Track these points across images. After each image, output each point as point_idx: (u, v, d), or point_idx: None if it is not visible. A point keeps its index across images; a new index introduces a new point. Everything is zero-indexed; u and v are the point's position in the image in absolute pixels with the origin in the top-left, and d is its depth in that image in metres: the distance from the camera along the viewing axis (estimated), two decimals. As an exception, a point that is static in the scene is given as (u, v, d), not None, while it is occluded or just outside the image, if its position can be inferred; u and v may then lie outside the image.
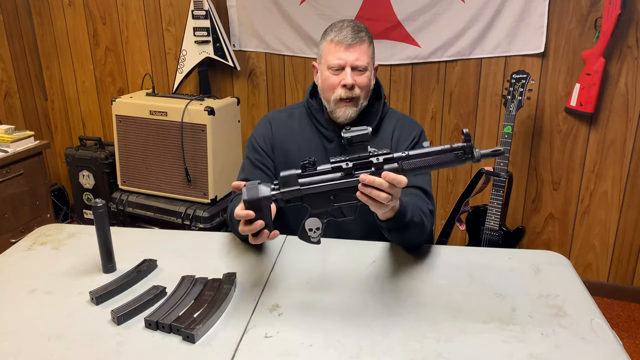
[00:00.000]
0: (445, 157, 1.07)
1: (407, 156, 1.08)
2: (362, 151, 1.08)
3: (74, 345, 1.04)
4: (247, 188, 1.08)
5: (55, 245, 1.44)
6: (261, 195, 1.07)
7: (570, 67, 2.44)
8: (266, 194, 1.08)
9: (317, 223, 1.13)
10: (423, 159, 1.08)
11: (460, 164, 1.08)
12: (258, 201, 1.07)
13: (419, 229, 1.32)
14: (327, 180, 1.09)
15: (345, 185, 1.09)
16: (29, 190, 2.63)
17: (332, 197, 1.11)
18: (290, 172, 1.10)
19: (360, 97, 1.44)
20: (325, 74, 1.46)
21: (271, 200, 1.09)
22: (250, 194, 1.07)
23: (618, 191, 2.52)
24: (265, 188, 1.09)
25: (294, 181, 1.09)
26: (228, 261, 1.36)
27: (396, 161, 1.08)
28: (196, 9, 2.72)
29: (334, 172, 1.10)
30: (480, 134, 2.67)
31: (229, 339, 1.06)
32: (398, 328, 1.09)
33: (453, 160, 1.07)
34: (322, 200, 1.11)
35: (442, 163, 1.08)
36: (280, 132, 1.55)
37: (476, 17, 2.49)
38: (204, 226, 2.60)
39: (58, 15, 3.19)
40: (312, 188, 1.09)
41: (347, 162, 1.09)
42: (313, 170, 1.10)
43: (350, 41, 1.41)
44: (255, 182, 1.09)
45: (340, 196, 1.11)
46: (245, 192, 1.07)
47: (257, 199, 1.07)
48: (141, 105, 2.66)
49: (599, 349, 1.03)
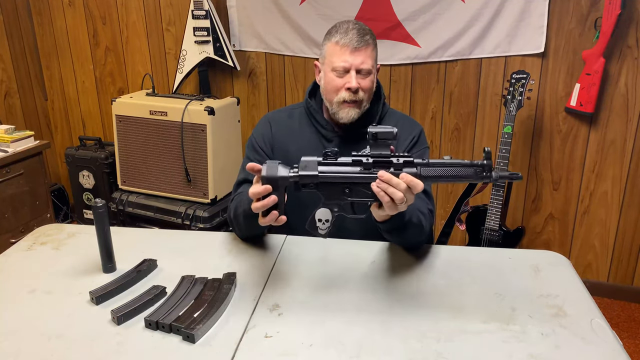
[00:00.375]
0: (463, 171, 1.07)
1: (427, 163, 1.08)
2: (384, 150, 1.09)
3: (74, 345, 1.04)
4: (268, 166, 1.10)
5: (55, 245, 1.44)
6: (279, 175, 1.09)
7: (570, 67, 2.44)
8: (284, 174, 1.10)
9: (327, 214, 1.14)
10: (442, 169, 1.08)
11: (477, 181, 1.08)
12: (276, 180, 1.09)
13: (418, 229, 1.32)
14: (346, 172, 1.10)
15: (362, 180, 1.10)
16: (29, 190, 2.63)
17: (347, 189, 1.11)
18: (311, 158, 1.11)
19: (364, 100, 1.44)
20: (329, 76, 1.45)
21: (288, 181, 1.10)
22: (270, 172, 1.09)
23: (618, 191, 2.52)
24: (284, 169, 1.10)
25: (314, 166, 1.11)
26: (228, 261, 1.36)
27: (416, 166, 1.08)
28: (196, 9, 2.72)
29: (353, 165, 1.11)
30: (480, 134, 2.68)
31: (229, 339, 1.06)
32: (398, 328, 1.09)
33: (470, 176, 1.07)
34: (336, 191, 1.12)
35: (460, 176, 1.08)
36: (280, 133, 1.55)
37: (476, 17, 2.49)
38: (204, 226, 2.60)
39: (58, 15, 3.19)
40: (330, 177, 1.10)
41: (368, 158, 1.10)
42: (334, 160, 1.11)
43: (356, 44, 1.41)
44: (276, 162, 1.11)
45: (355, 190, 1.11)
46: (265, 169, 1.09)
47: (276, 177, 1.09)
48: (141, 105, 2.66)
49: (599, 349, 1.03)
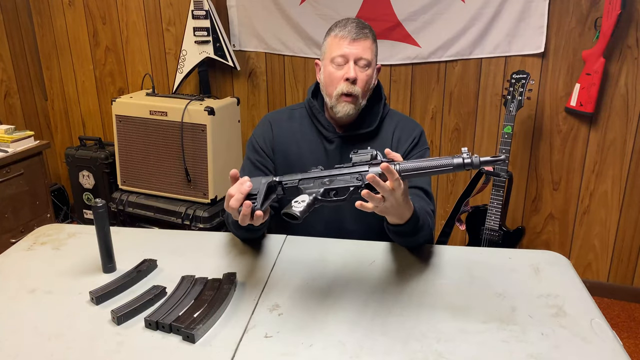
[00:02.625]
0: (443, 161, 1.05)
1: (404, 160, 1.10)
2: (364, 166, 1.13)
3: (74, 345, 1.04)
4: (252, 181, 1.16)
5: (55, 245, 1.44)
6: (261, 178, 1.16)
7: (570, 67, 2.44)
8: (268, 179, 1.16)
9: (304, 197, 1.12)
10: (421, 162, 1.08)
11: (458, 170, 1.06)
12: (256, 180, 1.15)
13: (426, 231, 1.34)
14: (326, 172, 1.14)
15: (342, 172, 1.12)
16: (29, 190, 2.63)
17: (327, 180, 1.13)
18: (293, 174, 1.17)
19: (359, 95, 1.44)
20: (328, 69, 1.46)
21: (271, 178, 1.15)
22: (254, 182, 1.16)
23: (618, 191, 2.52)
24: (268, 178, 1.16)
25: (294, 174, 1.16)
26: (228, 261, 1.36)
27: (394, 164, 1.09)
28: (196, 9, 2.72)
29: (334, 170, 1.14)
30: (480, 134, 2.68)
31: (229, 339, 1.06)
32: (398, 328, 1.09)
33: (450, 165, 1.05)
34: (317, 183, 1.14)
35: (440, 167, 1.06)
36: (281, 133, 1.55)
37: (476, 17, 2.49)
38: (204, 226, 2.60)
39: (58, 15, 3.19)
40: (310, 176, 1.14)
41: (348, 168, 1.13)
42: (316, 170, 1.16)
43: (355, 36, 1.42)
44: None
45: (335, 180, 1.13)
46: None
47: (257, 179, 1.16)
48: (141, 105, 2.66)
49: (598, 348, 1.03)
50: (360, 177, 1.10)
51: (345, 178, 1.12)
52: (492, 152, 2.66)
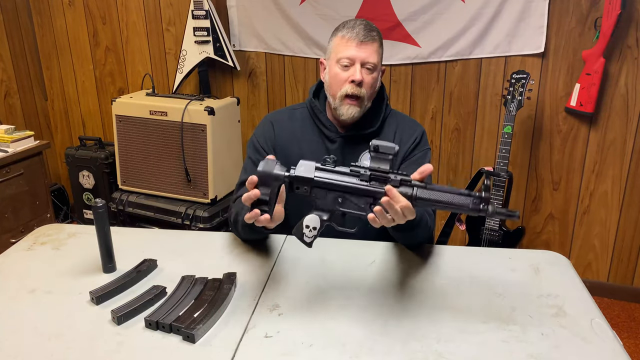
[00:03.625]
0: (459, 199, 1.03)
1: (425, 186, 1.06)
2: (384, 164, 1.07)
3: (74, 345, 1.04)
4: (265, 162, 1.10)
5: (55, 245, 1.44)
6: (274, 172, 1.09)
7: (570, 67, 2.44)
8: (279, 173, 1.09)
9: (316, 222, 1.12)
10: (439, 194, 1.05)
11: (471, 214, 1.04)
12: (269, 176, 1.09)
13: (424, 229, 1.33)
14: (341, 180, 1.09)
15: (357, 191, 1.09)
16: (29, 190, 2.63)
17: (340, 199, 1.10)
18: (309, 162, 1.10)
19: (365, 98, 1.44)
20: (334, 70, 1.45)
21: (281, 181, 1.09)
22: (265, 167, 1.09)
23: (618, 191, 2.52)
24: (281, 168, 1.10)
25: (310, 170, 1.10)
26: (228, 261, 1.36)
27: (412, 187, 1.06)
28: (196, 9, 2.72)
29: (350, 175, 1.09)
30: (480, 134, 2.68)
31: (229, 339, 1.06)
32: (398, 328, 1.09)
33: (465, 206, 1.03)
34: (329, 199, 1.11)
35: (454, 205, 1.04)
36: (282, 134, 1.55)
37: (476, 17, 2.49)
38: (204, 226, 2.60)
39: (58, 15, 3.19)
40: (325, 182, 1.10)
41: (366, 170, 1.08)
42: (332, 167, 1.10)
43: (362, 38, 1.42)
44: (274, 160, 1.11)
45: (348, 201, 1.10)
46: (262, 164, 1.09)
47: (269, 174, 1.09)
48: (141, 105, 2.66)
49: (599, 348, 1.03)
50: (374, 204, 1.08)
51: (359, 198, 1.09)
52: (492, 152, 2.66)
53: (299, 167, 1.10)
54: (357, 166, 1.09)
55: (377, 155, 1.07)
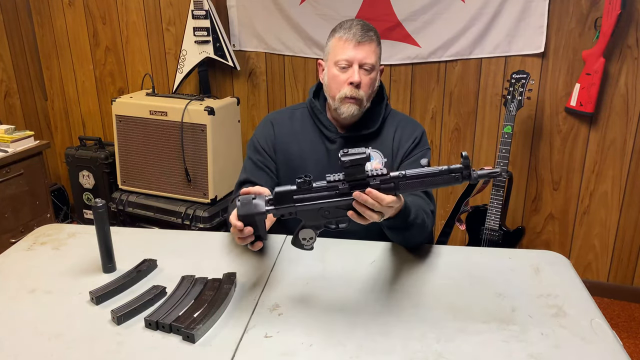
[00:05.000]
0: (441, 179, 1.08)
1: (404, 176, 1.08)
2: (359, 172, 1.07)
3: (74, 345, 1.04)
4: (242, 204, 1.09)
5: (55, 245, 1.44)
6: (255, 212, 1.08)
7: (570, 67, 2.44)
8: (260, 210, 1.09)
9: (310, 233, 1.14)
10: (420, 180, 1.08)
11: (456, 184, 1.09)
12: (252, 216, 1.08)
13: (421, 229, 1.32)
14: (322, 197, 1.09)
15: (339, 205, 1.10)
16: (29, 190, 2.63)
17: (326, 212, 1.11)
18: (285, 189, 1.10)
19: (364, 98, 1.44)
20: (332, 71, 1.45)
21: (265, 215, 1.09)
22: (245, 210, 1.08)
23: (618, 191, 2.52)
24: (260, 203, 1.09)
25: (289, 198, 1.09)
26: (228, 261, 1.36)
27: (392, 181, 1.08)
28: (196, 9, 2.72)
29: (329, 190, 1.09)
30: (480, 134, 2.68)
31: (229, 339, 1.06)
32: (398, 328, 1.09)
33: (450, 181, 1.08)
34: (315, 215, 1.11)
35: (439, 184, 1.08)
36: (282, 134, 1.55)
37: (476, 17, 2.49)
38: (204, 226, 2.60)
39: (58, 15, 3.19)
40: (306, 206, 1.10)
41: (344, 182, 1.08)
42: (308, 188, 1.09)
43: (360, 39, 1.41)
44: (250, 197, 1.10)
45: (333, 212, 1.11)
46: (240, 208, 1.08)
47: (251, 214, 1.08)
48: (141, 105, 2.66)
49: (598, 349, 1.03)
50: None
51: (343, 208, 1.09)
52: (492, 152, 2.66)
53: (277, 197, 1.09)
54: (334, 181, 1.08)
55: (349, 169, 1.07)
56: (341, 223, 1.15)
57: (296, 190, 1.09)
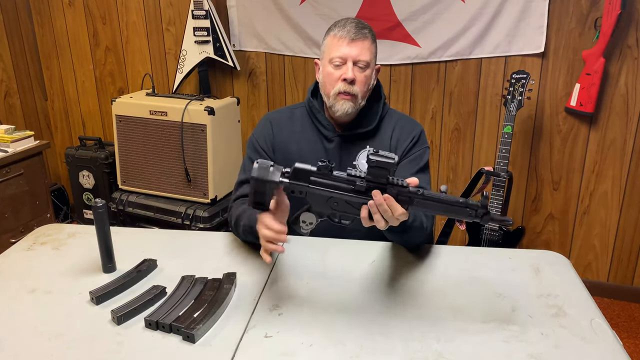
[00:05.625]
0: (455, 209, 1.06)
1: (422, 195, 1.06)
2: (382, 177, 1.06)
3: (74, 345, 1.04)
4: (260, 166, 1.08)
5: (55, 245, 1.44)
6: (269, 179, 1.08)
7: (570, 67, 2.44)
8: (274, 179, 1.08)
9: (312, 218, 1.14)
10: (436, 204, 1.06)
11: (468, 220, 1.07)
12: (264, 183, 1.08)
13: (419, 231, 1.33)
14: (337, 188, 1.09)
15: (351, 200, 1.09)
16: (29, 190, 2.63)
17: (335, 203, 1.11)
18: (305, 166, 1.09)
19: (358, 95, 1.44)
20: (326, 69, 1.46)
21: (277, 185, 1.09)
22: (260, 173, 1.08)
23: (618, 191, 2.52)
24: (277, 172, 1.09)
25: (306, 177, 1.09)
26: (228, 261, 1.36)
27: (409, 195, 1.06)
28: (196, 9, 2.72)
29: (346, 183, 1.09)
30: (480, 134, 2.67)
31: (229, 339, 1.06)
32: (398, 328, 1.09)
33: (462, 214, 1.06)
34: (324, 202, 1.11)
35: (451, 212, 1.07)
36: (281, 133, 1.55)
37: (476, 17, 2.49)
38: (204, 226, 2.60)
39: (58, 15, 3.19)
40: (319, 190, 1.09)
41: (363, 180, 1.08)
42: (328, 174, 1.09)
43: (353, 36, 1.41)
44: (269, 162, 1.09)
45: (342, 206, 1.11)
46: (256, 169, 1.08)
47: (265, 180, 1.08)
48: (141, 105, 2.66)
49: (598, 348, 1.03)
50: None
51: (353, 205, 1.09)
52: (492, 151, 2.66)
53: (295, 172, 1.09)
54: (354, 176, 1.08)
55: (376, 169, 1.05)
56: (344, 219, 1.15)
57: (315, 172, 1.09)
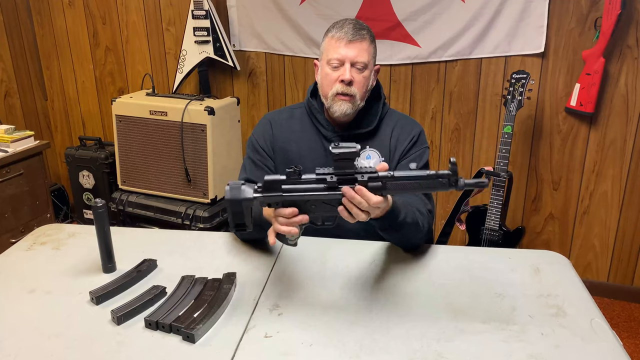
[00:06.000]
0: (429, 183, 1.07)
1: (392, 177, 1.08)
2: (349, 167, 1.08)
3: (73, 345, 1.04)
4: (231, 187, 1.10)
5: (55, 245, 1.44)
6: (243, 197, 1.10)
7: (570, 67, 2.44)
8: (248, 196, 1.10)
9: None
10: (407, 182, 1.08)
11: (443, 190, 1.08)
12: (239, 202, 1.10)
13: (414, 229, 1.31)
14: (309, 190, 1.10)
15: (326, 198, 1.10)
16: (29, 190, 2.63)
17: (313, 206, 1.12)
18: (274, 177, 1.11)
19: (357, 96, 1.44)
20: (324, 70, 1.46)
21: (252, 202, 1.10)
22: (233, 194, 1.10)
23: (618, 191, 2.52)
24: (248, 190, 1.10)
25: (277, 187, 1.10)
26: (228, 261, 1.36)
27: (380, 180, 1.08)
28: (196, 9, 2.72)
29: (317, 183, 1.10)
30: (480, 134, 2.68)
31: (229, 339, 1.06)
32: (398, 328, 1.09)
33: (437, 186, 1.07)
34: (302, 208, 1.12)
35: (426, 187, 1.08)
36: (281, 133, 1.55)
37: (476, 17, 2.49)
38: (204, 226, 2.60)
39: (58, 15, 3.19)
40: (294, 196, 1.10)
41: (332, 176, 1.09)
42: (297, 179, 1.10)
43: (351, 37, 1.41)
44: (239, 182, 1.11)
45: (320, 207, 1.12)
46: (228, 192, 1.10)
47: (239, 200, 1.10)
48: (141, 105, 2.66)
49: (598, 348, 1.03)
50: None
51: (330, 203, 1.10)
52: (492, 151, 2.66)
53: (266, 185, 1.10)
54: (322, 174, 1.09)
55: (339, 162, 1.07)
56: (327, 221, 1.16)
57: (285, 180, 1.10)
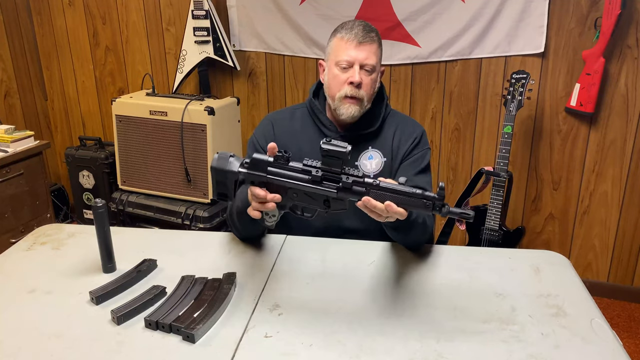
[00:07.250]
0: (412, 202, 1.04)
1: (377, 186, 1.05)
2: (336, 166, 1.07)
3: (73, 345, 1.04)
4: (219, 157, 1.11)
5: (55, 245, 1.44)
6: (228, 169, 1.11)
7: (570, 67, 2.44)
8: (233, 169, 1.11)
9: (274, 210, 1.15)
10: (390, 195, 1.04)
11: (427, 212, 1.05)
12: (224, 173, 1.11)
13: (422, 228, 1.33)
14: (293, 178, 1.10)
15: (308, 190, 1.09)
16: (29, 190, 2.63)
17: (294, 194, 1.12)
18: (262, 157, 1.11)
19: (365, 98, 1.44)
20: (332, 71, 1.45)
21: (236, 175, 1.11)
22: (219, 163, 1.11)
23: (618, 191, 2.52)
24: (236, 163, 1.11)
25: (263, 167, 1.11)
26: (228, 261, 1.36)
27: (365, 186, 1.06)
28: (196, 9, 2.72)
29: (303, 173, 1.10)
30: (480, 134, 2.68)
31: (229, 339, 1.06)
32: (398, 328, 1.09)
33: (419, 207, 1.04)
34: (284, 194, 1.12)
35: (409, 205, 1.04)
36: (282, 133, 1.55)
37: (476, 17, 2.49)
38: (204, 226, 2.60)
39: (58, 15, 3.19)
40: (277, 180, 1.11)
41: (318, 170, 1.09)
42: (284, 164, 1.10)
43: (361, 39, 1.41)
44: (228, 153, 1.12)
45: (302, 197, 1.12)
46: (216, 160, 1.11)
47: (224, 170, 1.11)
48: (141, 105, 2.66)
49: (599, 348, 1.03)
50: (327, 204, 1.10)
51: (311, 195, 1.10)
52: (492, 151, 2.66)
53: (253, 162, 1.11)
54: (309, 166, 1.09)
55: (327, 158, 1.07)
56: (306, 212, 1.16)
57: (272, 163, 1.11)
